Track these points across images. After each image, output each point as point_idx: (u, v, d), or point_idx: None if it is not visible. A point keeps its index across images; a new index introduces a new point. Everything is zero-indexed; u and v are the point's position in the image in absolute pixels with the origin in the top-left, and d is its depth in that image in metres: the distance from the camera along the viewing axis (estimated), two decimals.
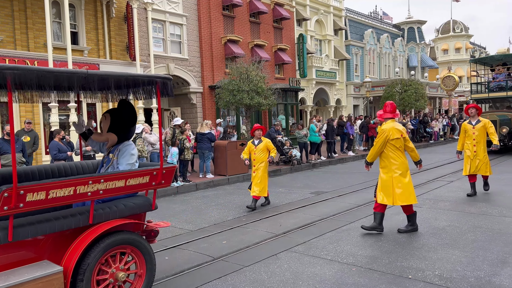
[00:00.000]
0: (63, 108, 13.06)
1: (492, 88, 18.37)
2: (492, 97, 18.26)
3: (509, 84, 17.83)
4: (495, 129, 15.63)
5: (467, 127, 8.31)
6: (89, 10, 14.80)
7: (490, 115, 16.42)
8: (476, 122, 8.21)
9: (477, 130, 8.15)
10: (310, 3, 27.14)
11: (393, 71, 35.44)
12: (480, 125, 8.19)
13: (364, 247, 5.47)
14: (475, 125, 8.19)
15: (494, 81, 18.67)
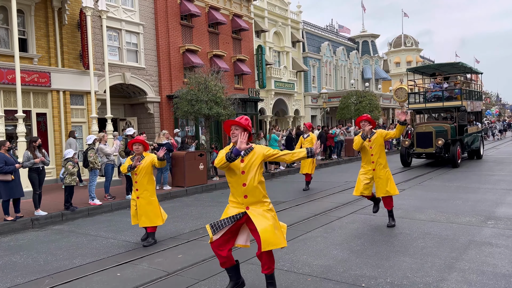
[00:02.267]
0: (11, 118, 12.39)
1: (429, 98, 17.86)
2: (429, 107, 17.74)
3: (445, 94, 17.53)
4: (432, 141, 15.61)
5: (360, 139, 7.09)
6: (40, 16, 14.20)
7: (426, 126, 16.39)
8: (372, 134, 7.01)
9: (375, 143, 6.95)
10: (268, 15, 27.57)
11: (348, 82, 36.57)
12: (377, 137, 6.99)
13: (320, 257, 5.53)
14: (370, 137, 6.97)
15: (431, 91, 18.23)
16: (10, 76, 12.58)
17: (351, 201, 9.66)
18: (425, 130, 16.11)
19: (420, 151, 16.24)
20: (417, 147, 16.23)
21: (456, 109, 16.79)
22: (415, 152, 16.41)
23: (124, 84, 17.84)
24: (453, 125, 16.47)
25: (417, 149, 16.24)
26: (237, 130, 4.03)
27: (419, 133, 16.24)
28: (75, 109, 15.00)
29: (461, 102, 16.57)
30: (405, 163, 16.77)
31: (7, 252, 6.53)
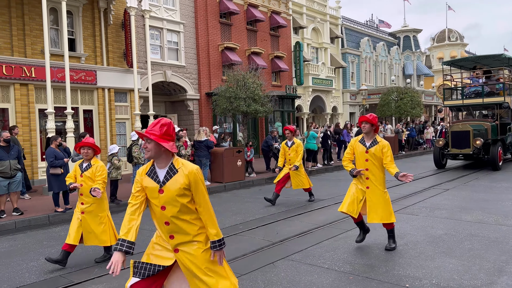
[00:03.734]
0: (60, 114, 13.03)
1: (467, 94, 16.32)
2: (466, 104, 16.20)
3: (486, 89, 15.91)
4: (469, 141, 14.22)
5: (359, 148, 5.63)
6: (87, 17, 14.82)
7: (463, 124, 15.03)
8: (372, 143, 5.50)
9: (371, 156, 5.50)
10: (307, 12, 27.34)
11: (389, 79, 35.66)
12: (377, 149, 5.48)
13: (361, 256, 5.46)
14: (369, 147, 5.52)
15: (470, 86, 16.69)
16: (60, 75, 13.22)
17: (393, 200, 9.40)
18: (461, 129, 14.76)
19: (456, 152, 14.81)
20: (452, 148, 14.86)
21: (497, 106, 15.36)
22: (450, 153, 15.02)
23: (165, 82, 18.29)
24: (494, 124, 15.11)
25: (452, 150, 14.86)
26: None
27: (455, 132, 14.89)
28: (119, 106, 15.56)
29: (503, 98, 15.15)
30: (439, 165, 15.51)
31: (59, 242, 6.89)
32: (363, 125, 5.49)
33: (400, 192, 10.59)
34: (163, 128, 2.79)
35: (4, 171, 8.42)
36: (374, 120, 5.48)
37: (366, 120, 5.49)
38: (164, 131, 2.78)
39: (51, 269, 5.45)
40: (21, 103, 12.92)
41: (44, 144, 13.22)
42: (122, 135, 15.60)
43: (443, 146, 15.23)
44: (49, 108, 11.51)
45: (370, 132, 5.51)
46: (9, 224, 8.03)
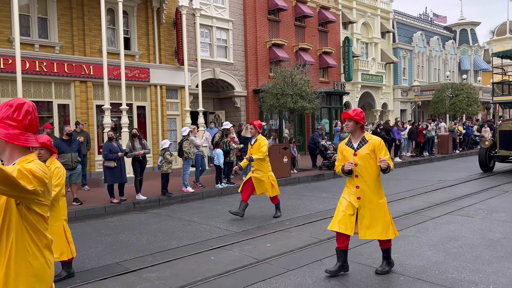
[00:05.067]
0: (115, 110, 13.68)
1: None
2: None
3: None
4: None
5: (346, 151, 4.68)
6: (141, 16, 15.42)
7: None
8: (360, 143, 4.58)
9: (362, 159, 4.52)
10: (357, 6, 26.71)
11: (443, 74, 34.08)
12: (366, 150, 4.52)
13: (412, 257, 5.31)
14: (357, 149, 4.57)
15: None
16: (116, 72, 13.87)
17: (446, 201, 9.07)
18: (511, 128, 13.39)
19: (505, 154, 13.34)
20: (500, 149, 13.41)
21: None
22: (498, 155, 13.54)
23: (214, 79, 18.64)
24: None
25: (500, 151, 13.40)
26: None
27: (504, 131, 13.42)
28: (170, 102, 16.07)
29: None
30: (485, 168, 14.01)
31: (115, 231, 7.27)
32: (345, 123, 4.59)
33: (455, 193, 10.14)
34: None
35: (66, 163, 8.99)
36: (358, 116, 4.52)
37: (349, 117, 4.52)
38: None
39: (109, 256, 5.77)
40: (80, 99, 13.71)
41: (101, 139, 13.96)
42: (172, 130, 16.11)
43: (490, 147, 13.87)
44: (106, 104, 12.12)
45: (356, 131, 4.59)
46: (69, 213, 8.53)
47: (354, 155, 4.55)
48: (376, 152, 4.49)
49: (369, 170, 4.51)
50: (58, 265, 4.81)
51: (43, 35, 13.37)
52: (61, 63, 13.10)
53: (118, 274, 4.98)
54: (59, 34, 13.52)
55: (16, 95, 11.16)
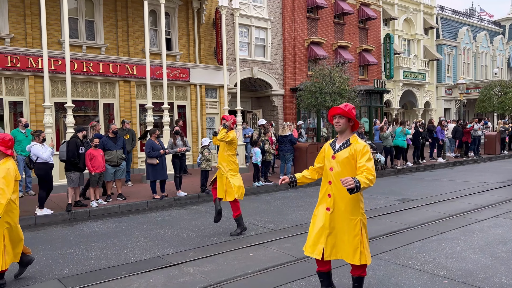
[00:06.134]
0: (157, 109, 14.08)
1: None
2: None
3: None
4: None
5: (327, 151, 3.93)
6: (182, 17, 15.77)
7: None
8: (342, 145, 3.79)
9: (339, 163, 3.75)
10: (399, 2, 25.99)
11: (491, 72, 32.49)
12: (346, 153, 3.74)
13: (457, 260, 5.14)
14: (337, 151, 3.80)
15: None
16: (158, 72, 14.27)
17: (493, 203, 8.69)
18: None
19: None
20: None
21: None
22: None
23: (252, 78, 18.75)
24: None
25: None
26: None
27: None
28: (209, 101, 16.35)
29: None
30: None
31: (157, 226, 7.51)
32: (336, 120, 3.76)
33: (503, 195, 9.68)
34: None
35: (112, 159, 9.37)
36: (351, 112, 3.73)
37: (341, 113, 3.72)
38: None
39: (152, 250, 5.98)
40: (124, 99, 14.22)
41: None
42: (211, 129, 16.37)
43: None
44: (148, 103, 12.51)
45: (346, 130, 3.78)
46: (114, 208, 8.94)
47: (332, 157, 3.79)
48: (356, 157, 3.66)
49: (346, 176, 3.58)
50: None
51: (90, 37, 13.98)
52: (106, 63, 13.65)
53: (161, 267, 5.15)
54: (105, 36, 14.08)
55: (65, 95, 11.73)
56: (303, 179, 4.11)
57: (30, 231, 7.27)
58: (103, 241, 6.53)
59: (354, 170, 3.66)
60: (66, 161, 8.50)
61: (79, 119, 13.37)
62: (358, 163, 3.62)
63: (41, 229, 7.48)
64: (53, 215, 8.13)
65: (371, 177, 3.46)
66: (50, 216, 8.09)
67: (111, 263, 5.44)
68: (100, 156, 8.96)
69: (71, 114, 10.85)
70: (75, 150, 8.47)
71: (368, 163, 3.56)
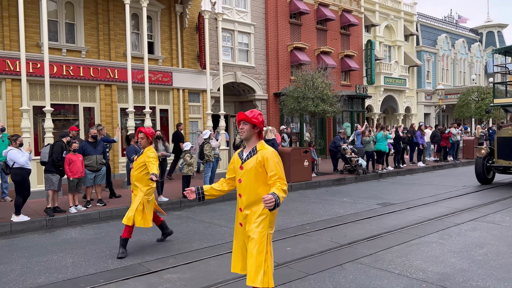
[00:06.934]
0: (139, 113, 13.93)
1: None
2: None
3: None
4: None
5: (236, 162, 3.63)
6: (164, 21, 15.69)
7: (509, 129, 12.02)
8: (249, 154, 3.48)
9: (247, 173, 3.43)
10: (380, 9, 26.44)
11: (469, 78, 33.31)
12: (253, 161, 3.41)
13: (435, 263, 5.21)
14: (245, 160, 3.49)
15: None
16: (139, 76, 14.15)
17: (470, 207, 8.87)
18: (511, 134, 11.71)
19: (504, 164, 11.65)
20: (498, 159, 11.78)
21: None
22: (495, 166, 11.89)
23: (235, 82, 18.76)
24: None
25: (499, 161, 11.75)
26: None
27: (502, 138, 11.79)
28: (192, 106, 16.28)
29: None
30: (483, 180, 12.29)
31: (137, 232, 7.39)
32: (240, 126, 3.48)
33: (481, 199, 9.90)
34: None
35: (91, 165, 9.22)
36: (256, 119, 3.45)
37: (244, 119, 3.45)
38: None
39: (131, 257, 5.88)
40: (105, 103, 14.03)
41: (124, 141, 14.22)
42: (195, 133, 16.29)
43: (487, 156, 12.22)
44: (130, 107, 12.37)
45: (251, 137, 3.48)
46: (94, 214, 8.78)
47: (240, 167, 3.48)
48: (264, 166, 3.35)
49: (255, 189, 3.37)
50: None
51: (70, 40, 13.77)
52: (87, 67, 13.46)
53: (140, 275, 5.07)
54: (86, 39, 13.90)
55: (44, 98, 11.51)
56: (212, 191, 3.70)
57: (6, 239, 7.07)
58: (81, 248, 6.40)
59: (264, 179, 3.36)
60: (48, 163, 8.36)
61: (58, 123, 13.14)
62: (269, 172, 3.32)
63: (17, 236, 7.29)
64: (30, 222, 7.93)
65: (285, 187, 3.27)
66: (27, 223, 7.89)
67: (89, 271, 5.33)
68: (79, 161, 8.81)
69: (49, 118, 10.65)
70: (60, 152, 8.36)
71: (278, 171, 3.31)
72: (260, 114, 3.52)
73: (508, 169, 11.74)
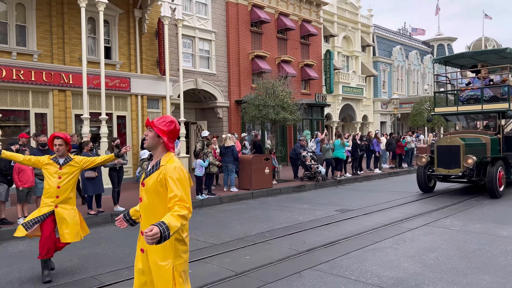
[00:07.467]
0: (95, 119, 13.48)
1: (464, 99, 12.89)
2: (463, 111, 12.79)
3: (487, 93, 12.45)
4: (459, 159, 11.00)
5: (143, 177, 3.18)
6: (123, 26, 15.33)
7: (453, 137, 11.77)
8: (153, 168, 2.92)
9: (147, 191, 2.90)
10: (338, 20, 27.21)
11: (422, 88, 34.88)
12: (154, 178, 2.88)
13: (390, 268, 5.35)
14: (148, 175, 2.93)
15: (467, 89, 13.08)
16: (96, 81, 13.70)
17: (423, 212, 9.22)
18: (449, 143, 11.50)
19: (443, 173, 11.58)
20: (438, 167, 11.66)
21: (500, 115, 12.02)
22: (435, 174, 11.83)
23: (196, 89, 18.61)
24: (495, 137, 11.96)
25: (439, 170, 11.64)
26: None
27: (442, 147, 11.67)
28: (151, 112, 15.94)
29: (508, 105, 11.77)
30: (424, 188, 12.28)
31: (91, 243, 7.10)
32: (145, 133, 2.98)
33: (434, 204, 10.31)
34: None
35: (41, 173, 8.77)
36: (161, 126, 2.91)
37: (148, 125, 2.95)
38: None
39: (84, 270, 5.62)
40: (59, 109, 13.47)
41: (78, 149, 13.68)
42: None
43: (427, 165, 12.11)
44: (85, 113, 11.93)
45: (157, 148, 2.93)
46: None
47: (142, 184, 2.95)
48: (165, 185, 2.80)
49: (155, 212, 2.84)
50: None
51: (22, 43, 13.15)
52: (39, 71, 12.88)
53: None
54: (38, 42, 13.31)
55: None
56: (135, 213, 3.25)
57: None
58: (29, 262, 6.06)
59: (166, 199, 2.79)
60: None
61: (7, 130, 12.46)
62: (168, 192, 2.74)
63: None
64: None
65: (184, 212, 2.64)
66: None
67: (37, 286, 5.04)
68: (29, 170, 8.36)
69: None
70: (8, 161, 7.90)
71: (179, 191, 2.71)
72: (172, 122, 2.95)
73: (448, 177, 11.81)
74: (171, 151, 2.94)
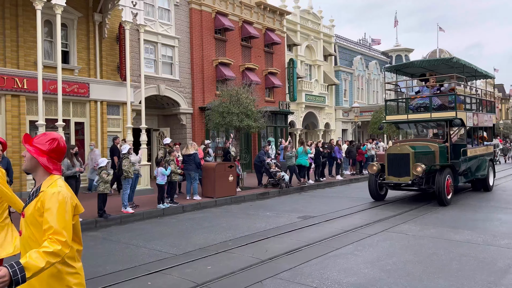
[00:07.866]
0: (51, 126, 12.93)
1: (414, 107, 13.08)
2: (413, 119, 12.91)
3: (435, 102, 12.62)
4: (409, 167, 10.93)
5: None
6: (82, 30, 14.87)
7: (402, 145, 11.78)
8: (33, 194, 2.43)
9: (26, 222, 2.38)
10: (301, 29, 27.71)
11: (381, 97, 36.06)
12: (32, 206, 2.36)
13: (350, 275, 5.42)
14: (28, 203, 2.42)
15: (416, 97, 13.29)
16: (52, 87, 13.17)
17: (382, 218, 9.45)
18: (399, 151, 11.52)
19: (393, 181, 11.58)
20: (388, 175, 11.63)
21: (448, 123, 12.22)
22: (386, 182, 11.81)
23: (159, 95, 18.31)
24: (444, 145, 12.13)
25: (389, 178, 11.62)
26: None
27: (392, 155, 11.67)
28: (112, 119, 15.51)
29: (455, 113, 11.94)
30: (376, 196, 12.22)
31: None
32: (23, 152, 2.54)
33: (393, 210, 10.60)
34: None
35: None
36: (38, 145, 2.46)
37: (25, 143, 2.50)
38: None
39: None
40: (11, 115, 12.83)
41: None
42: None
43: (378, 173, 12.08)
44: (40, 120, 11.42)
45: (36, 170, 2.48)
46: None
47: (21, 214, 2.47)
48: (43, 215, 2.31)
49: (37, 247, 2.27)
50: None
51: None
52: None
53: None
54: None
55: None
56: None
57: None
58: None
59: None
60: None
61: None
62: (44, 223, 2.28)
63: None
64: None
65: (54, 247, 2.17)
66: None
67: None
68: None
69: None
70: None
71: (54, 221, 2.24)
72: (54, 140, 2.48)
73: (399, 186, 11.83)
74: (55, 173, 2.46)
